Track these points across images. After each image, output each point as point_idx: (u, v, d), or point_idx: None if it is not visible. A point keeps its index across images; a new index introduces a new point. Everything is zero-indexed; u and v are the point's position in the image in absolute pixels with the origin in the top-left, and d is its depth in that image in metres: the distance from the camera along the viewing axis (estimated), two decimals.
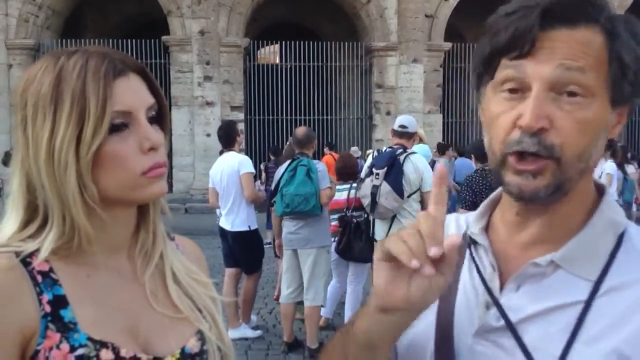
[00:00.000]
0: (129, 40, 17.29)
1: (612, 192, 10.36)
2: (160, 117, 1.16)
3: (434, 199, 0.91)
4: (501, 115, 0.97)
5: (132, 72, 1.11)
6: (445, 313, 1.05)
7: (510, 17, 0.95)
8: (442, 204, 0.90)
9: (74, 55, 1.08)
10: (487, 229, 1.11)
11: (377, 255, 0.91)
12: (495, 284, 1.04)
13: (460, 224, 1.20)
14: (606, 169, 10.50)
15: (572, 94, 0.93)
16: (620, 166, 11.15)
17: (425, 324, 1.04)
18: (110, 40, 15.65)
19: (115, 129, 1.06)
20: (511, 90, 0.96)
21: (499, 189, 1.11)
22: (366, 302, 0.96)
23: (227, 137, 6.88)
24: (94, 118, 1.03)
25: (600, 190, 1.07)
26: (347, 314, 6.77)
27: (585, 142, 0.94)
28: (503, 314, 1.00)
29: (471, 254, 1.10)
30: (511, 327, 0.99)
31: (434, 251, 0.84)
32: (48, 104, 1.04)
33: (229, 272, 6.85)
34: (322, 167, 6.17)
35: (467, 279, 1.08)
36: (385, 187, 5.69)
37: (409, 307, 0.89)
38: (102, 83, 1.05)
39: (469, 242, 1.11)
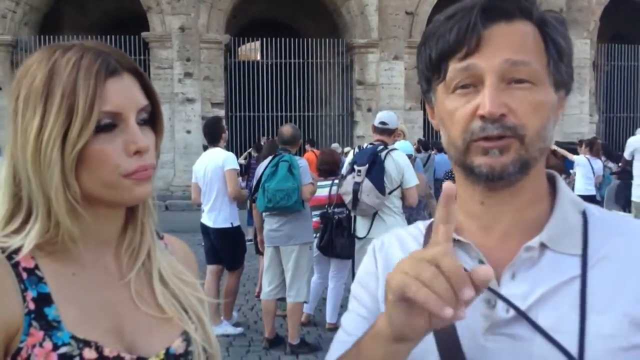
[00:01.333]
0: (108, 36, 17.16)
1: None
2: (154, 119, 1.16)
3: (442, 220, 0.88)
4: (459, 109, 1.02)
5: (126, 72, 1.09)
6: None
7: (451, 20, 1.01)
8: (450, 226, 0.88)
9: (69, 50, 1.06)
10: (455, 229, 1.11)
11: (389, 295, 0.87)
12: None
13: (413, 232, 1.22)
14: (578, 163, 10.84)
15: (520, 80, 0.99)
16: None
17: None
18: (89, 37, 15.51)
19: (103, 128, 1.05)
20: (464, 86, 1.02)
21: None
22: (375, 330, 0.94)
23: (212, 134, 6.86)
24: (81, 116, 1.02)
25: (549, 176, 1.13)
26: (329, 310, 6.80)
27: (541, 121, 1.00)
28: (511, 304, 1.00)
29: None
30: (523, 315, 0.99)
31: (467, 294, 0.80)
32: (39, 98, 1.03)
33: (211, 268, 6.84)
34: (304, 163, 6.18)
35: None
36: (367, 184, 5.70)
37: (429, 333, 0.88)
38: (93, 82, 1.04)
39: None
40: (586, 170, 10.86)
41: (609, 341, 0.95)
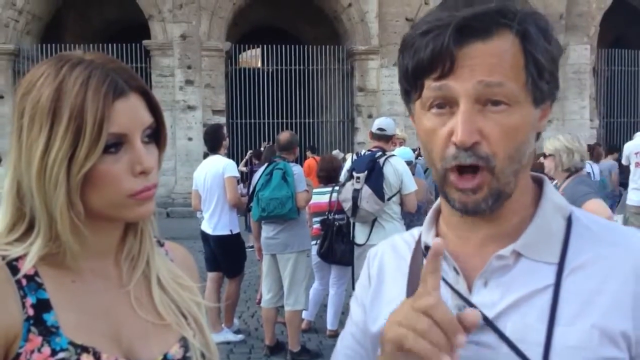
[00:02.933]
0: (110, 45, 17.20)
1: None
2: (158, 135, 1.16)
3: (430, 271, 0.91)
4: (436, 131, 1.00)
5: (133, 92, 1.09)
6: None
7: (426, 36, 0.98)
8: (438, 276, 0.91)
9: (77, 67, 1.06)
10: (437, 236, 1.13)
11: (386, 347, 0.92)
12: (462, 286, 1.06)
13: (406, 239, 1.23)
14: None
15: (496, 102, 0.97)
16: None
17: None
18: (91, 45, 15.57)
19: (109, 149, 1.06)
20: (439, 105, 1.00)
21: (439, 200, 1.15)
22: None
23: (213, 141, 6.87)
24: (89, 139, 1.02)
25: (538, 181, 1.12)
26: (330, 316, 6.80)
27: (513, 146, 0.98)
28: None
29: None
30: (490, 323, 1.00)
31: (461, 340, 0.86)
32: (45, 117, 1.03)
33: (211, 276, 6.84)
34: (298, 170, 6.17)
35: None
36: (367, 191, 5.69)
37: None
38: (102, 103, 1.03)
39: (424, 252, 1.13)
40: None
41: (575, 353, 0.95)
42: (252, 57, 24.06)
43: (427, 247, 1.13)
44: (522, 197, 1.06)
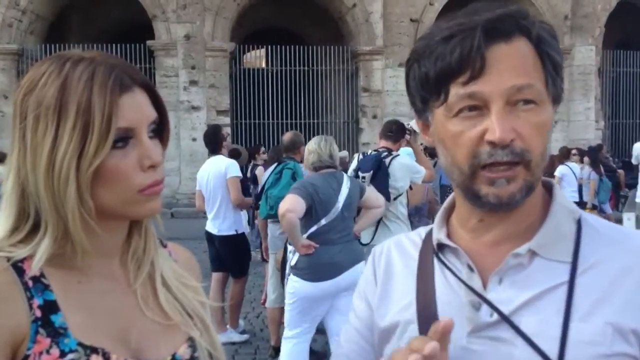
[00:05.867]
0: (114, 45, 17.20)
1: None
2: (161, 130, 1.16)
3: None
4: (465, 133, 1.02)
5: (138, 87, 1.10)
6: (428, 324, 1.03)
7: (450, 41, 0.99)
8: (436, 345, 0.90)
9: (80, 63, 1.06)
10: (448, 235, 1.16)
11: None
12: (476, 283, 1.08)
13: (413, 238, 1.26)
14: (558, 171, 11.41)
15: (527, 101, 1.00)
16: (596, 167, 11.60)
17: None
18: (95, 45, 15.58)
19: (118, 144, 1.05)
20: (469, 109, 1.01)
21: (450, 197, 1.19)
22: None
23: (213, 142, 6.89)
24: (97, 134, 1.02)
25: (546, 185, 1.15)
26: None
27: (543, 142, 1.02)
28: (495, 308, 1.04)
29: (440, 260, 1.15)
30: (506, 319, 1.03)
31: None
32: (51, 115, 1.03)
33: (216, 276, 6.84)
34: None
35: (442, 285, 1.12)
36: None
37: None
38: (109, 99, 1.03)
39: (435, 250, 1.16)
40: (569, 177, 11.26)
41: (589, 348, 0.98)
42: (256, 58, 24.05)
43: (438, 245, 1.16)
44: (534, 198, 1.09)
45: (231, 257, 6.74)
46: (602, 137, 20.25)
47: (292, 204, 4.62)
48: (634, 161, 9.78)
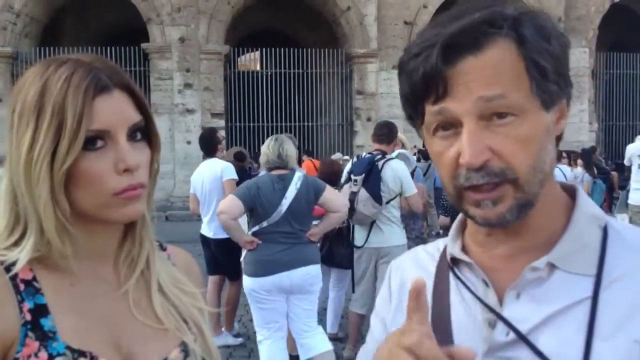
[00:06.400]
0: (108, 48, 17.17)
1: None
2: (149, 134, 1.15)
3: (413, 310, 0.86)
4: (444, 154, 0.96)
5: (117, 89, 1.08)
6: (443, 343, 0.93)
7: (417, 58, 0.94)
8: (424, 314, 0.86)
9: (62, 65, 1.06)
10: (463, 249, 1.09)
11: None
12: (492, 299, 1.01)
13: (430, 251, 1.19)
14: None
15: (501, 115, 0.92)
16: (589, 169, 11.64)
17: None
18: (89, 48, 15.58)
19: (91, 146, 1.05)
20: (444, 128, 0.96)
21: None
22: None
23: (208, 145, 6.86)
24: (69, 134, 1.02)
25: (568, 190, 1.07)
26: (329, 319, 6.77)
27: (532, 155, 0.93)
28: (511, 327, 0.96)
29: (456, 275, 1.08)
30: (523, 338, 0.95)
31: None
32: (31, 114, 1.04)
33: (212, 279, 6.82)
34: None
35: (458, 302, 1.05)
36: (363, 194, 5.68)
37: None
38: (81, 99, 1.03)
39: (450, 265, 1.09)
40: (559, 179, 11.41)
41: None
42: (250, 61, 24.08)
43: (453, 259, 1.09)
44: (551, 208, 1.01)
45: (227, 260, 6.72)
46: (595, 139, 20.31)
47: (226, 206, 4.83)
48: (626, 162, 9.81)
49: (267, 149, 5.00)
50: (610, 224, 1.02)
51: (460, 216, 1.12)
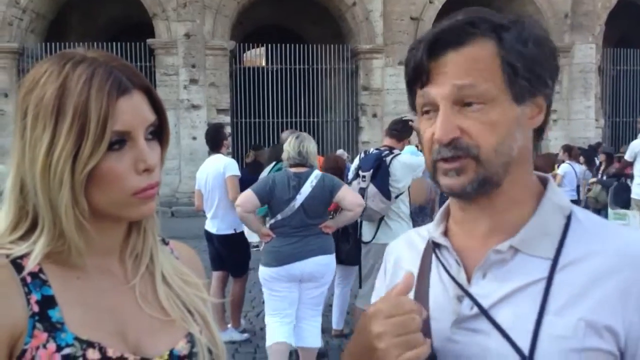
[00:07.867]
0: (114, 43, 17.21)
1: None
2: (161, 132, 1.17)
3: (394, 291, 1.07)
4: (426, 132, 1.13)
5: (136, 90, 1.10)
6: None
7: (412, 52, 1.13)
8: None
9: (80, 65, 1.06)
10: (446, 233, 1.24)
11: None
12: (462, 277, 1.16)
13: (422, 234, 1.33)
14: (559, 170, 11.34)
15: (468, 104, 1.07)
16: (590, 166, 11.63)
17: None
18: (95, 43, 15.57)
19: (112, 147, 1.06)
20: (427, 112, 1.13)
21: (449, 200, 1.26)
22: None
23: (214, 141, 6.88)
24: (93, 136, 1.03)
25: (544, 181, 1.20)
26: (335, 316, 6.77)
27: (497, 139, 1.08)
28: (475, 302, 1.11)
29: (437, 257, 1.22)
30: (484, 312, 1.10)
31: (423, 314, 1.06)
32: (49, 115, 1.04)
33: (216, 275, 6.84)
34: None
35: (436, 280, 1.20)
36: (372, 189, 5.69)
37: None
38: (105, 101, 1.04)
39: (433, 247, 1.24)
40: (570, 176, 11.29)
41: (561, 342, 1.03)
42: (256, 56, 24.06)
43: (434, 243, 1.24)
44: (521, 194, 1.15)
45: (230, 256, 6.74)
46: (602, 136, 20.25)
47: (242, 199, 5.10)
48: (629, 158, 9.78)
49: (288, 145, 5.19)
50: (574, 213, 1.16)
51: (445, 204, 1.28)
